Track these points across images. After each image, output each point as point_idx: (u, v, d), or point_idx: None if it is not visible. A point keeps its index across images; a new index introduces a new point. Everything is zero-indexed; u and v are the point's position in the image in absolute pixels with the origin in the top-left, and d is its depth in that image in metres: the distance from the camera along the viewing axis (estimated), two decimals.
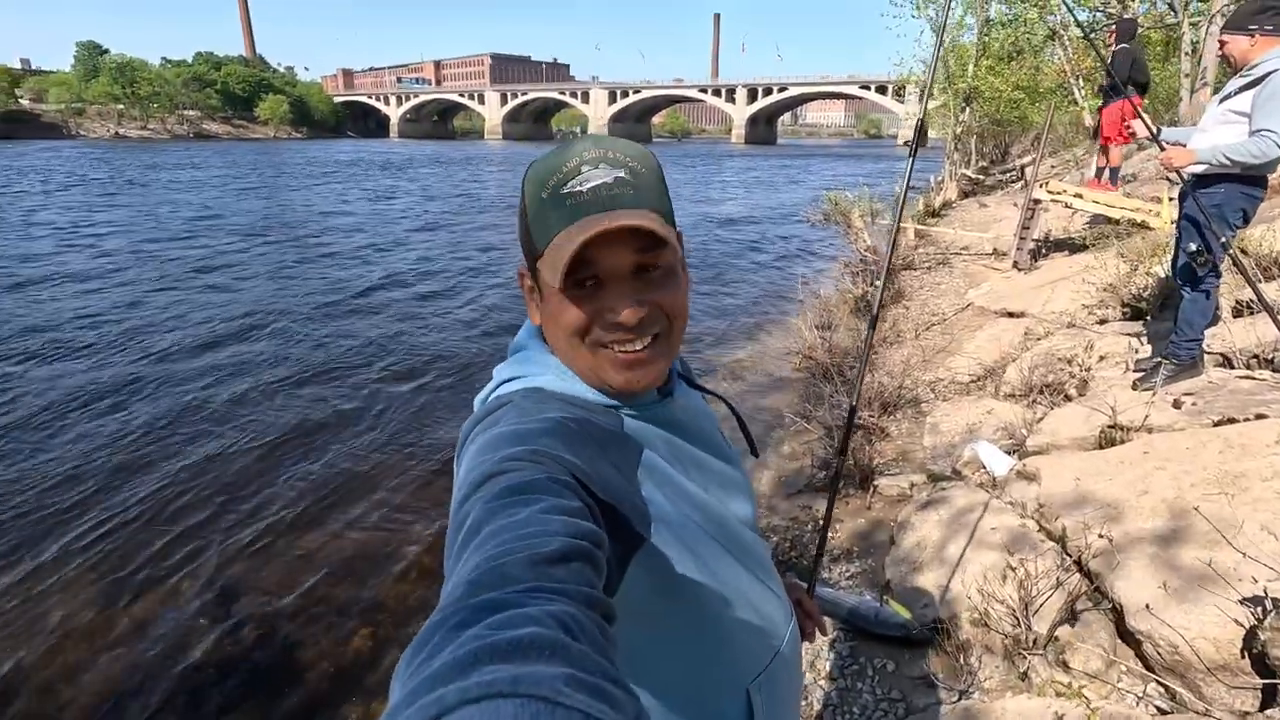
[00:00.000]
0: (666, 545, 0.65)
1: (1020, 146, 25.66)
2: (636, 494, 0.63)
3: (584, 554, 0.46)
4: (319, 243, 12.90)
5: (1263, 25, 2.90)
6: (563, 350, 0.69)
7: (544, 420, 0.61)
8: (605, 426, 0.66)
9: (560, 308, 0.66)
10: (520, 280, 0.73)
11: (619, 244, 0.63)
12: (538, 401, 0.66)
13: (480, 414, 0.67)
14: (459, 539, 0.49)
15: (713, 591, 0.70)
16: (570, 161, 0.64)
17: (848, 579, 2.88)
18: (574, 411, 0.64)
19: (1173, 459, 2.71)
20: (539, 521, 0.47)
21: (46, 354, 6.37)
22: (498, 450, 0.57)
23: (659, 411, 0.73)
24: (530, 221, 0.66)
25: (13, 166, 30.03)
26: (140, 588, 3.32)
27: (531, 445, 0.56)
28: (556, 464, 0.55)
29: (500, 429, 0.61)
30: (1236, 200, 3.03)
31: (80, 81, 75.66)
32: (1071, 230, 8.10)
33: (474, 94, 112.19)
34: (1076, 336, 4.51)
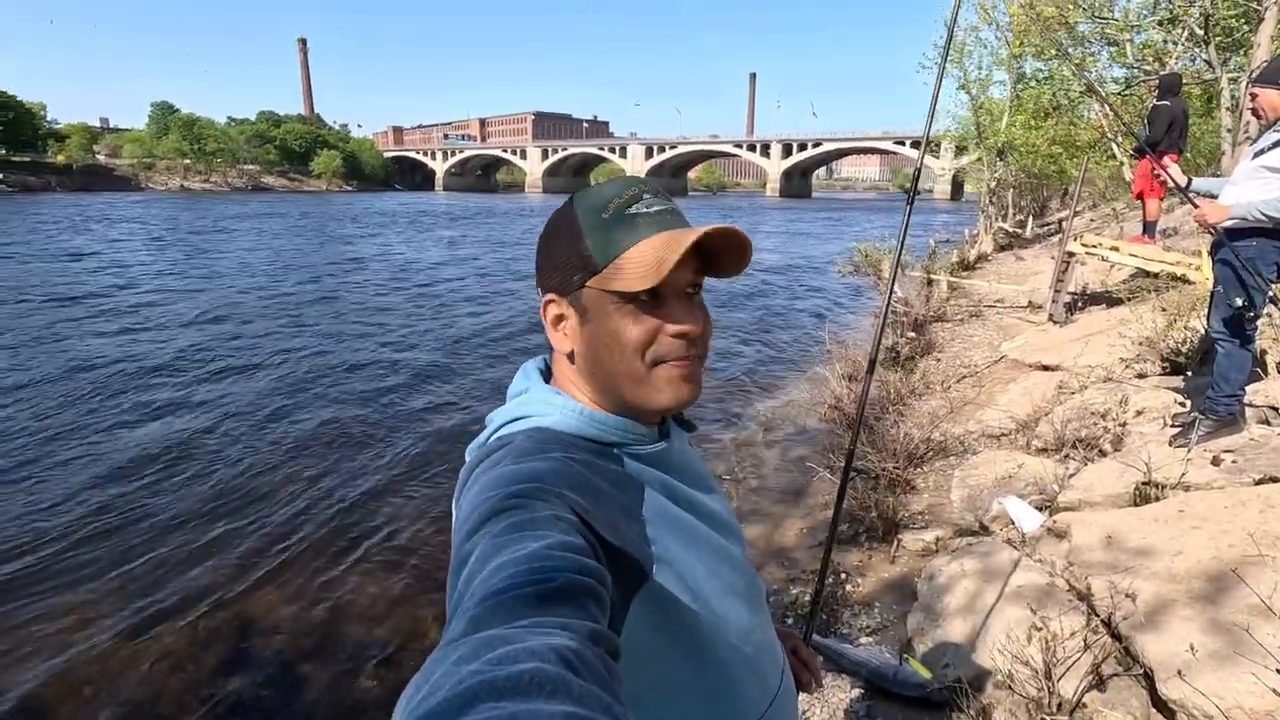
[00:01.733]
0: (669, 584, 0.65)
1: (1059, 201, 25.47)
2: (640, 533, 0.63)
3: (589, 590, 0.46)
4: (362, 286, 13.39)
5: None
6: (610, 370, 0.70)
7: (547, 459, 0.62)
8: (609, 466, 0.67)
9: (626, 320, 0.68)
10: (544, 310, 0.73)
11: (685, 262, 0.67)
12: (540, 442, 0.66)
13: (481, 455, 0.68)
14: (463, 574, 0.49)
15: (715, 631, 0.70)
16: (629, 191, 0.69)
17: (868, 634, 2.80)
18: (577, 452, 0.66)
19: (1210, 518, 2.60)
20: (543, 557, 0.47)
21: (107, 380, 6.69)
22: (501, 488, 0.57)
23: (658, 454, 0.74)
24: (589, 240, 0.68)
25: (122, 215, 32.04)
26: (148, 616, 3.39)
27: (536, 483, 0.57)
28: (561, 501, 0.56)
29: (503, 468, 0.61)
30: (1269, 254, 2.98)
31: (152, 138, 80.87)
32: (1109, 284, 7.96)
33: (516, 149, 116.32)
34: (1112, 391, 4.39)
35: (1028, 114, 16.37)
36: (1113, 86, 13.58)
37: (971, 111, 18.28)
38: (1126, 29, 12.00)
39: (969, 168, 23.01)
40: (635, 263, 0.66)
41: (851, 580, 3.21)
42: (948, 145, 25.62)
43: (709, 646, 0.69)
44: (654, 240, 0.66)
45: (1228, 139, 10.54)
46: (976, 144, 18.45)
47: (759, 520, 4.11)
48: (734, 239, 0.68)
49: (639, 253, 0.66)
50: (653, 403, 0.70)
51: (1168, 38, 11.50)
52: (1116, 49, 12.78)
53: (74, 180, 68.77)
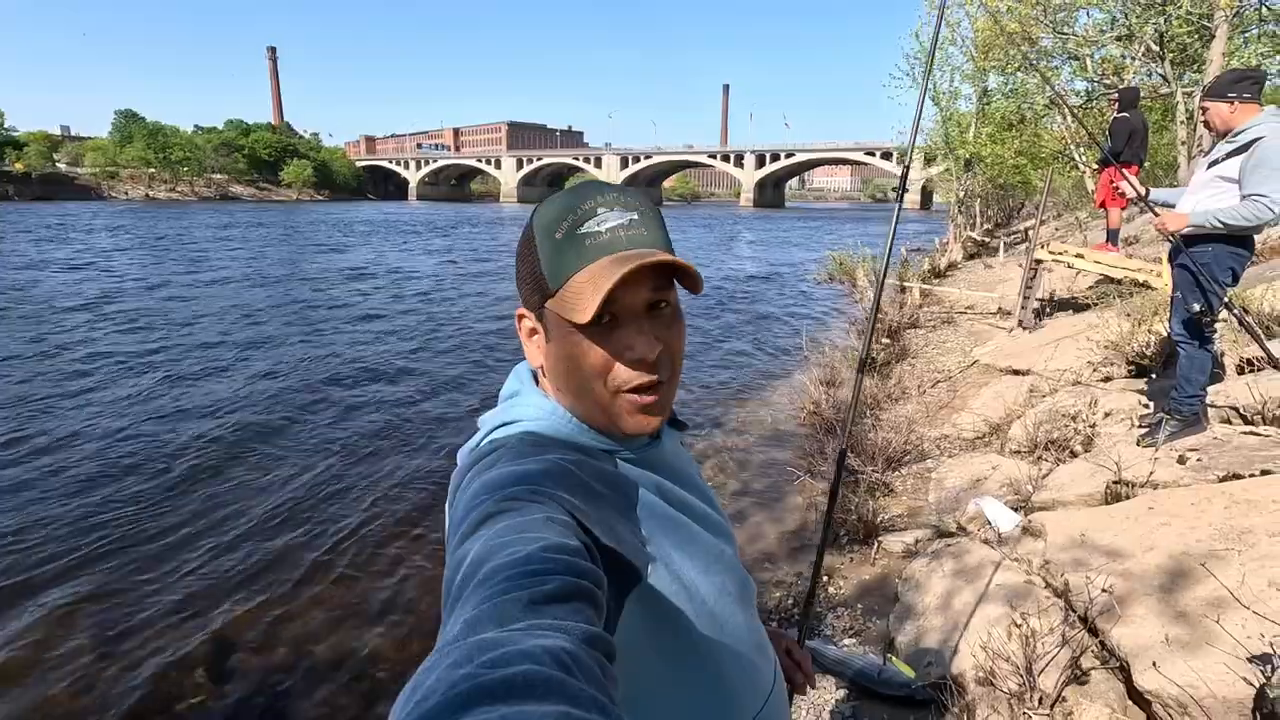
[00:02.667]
0: (662, 585, 0.65)
1: (1026, 210, 26.11)
2: (634, 534, 0.63)
3: (584, 592, 0.46)
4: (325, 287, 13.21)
5: (1240, 93, 3.04)
6: (574, 390, 0.69)
7: (542, 461, 0.61)
8: (603, 467, 0.67)
9: (580, 347, 0.66)
10: (518, 322, 0.73)
11: (637, 282, 0.64)
12: (534, 445, 0.66)
13: (474, 458, 0.67)
14: (458, 578, 0.49)
15: (708, 631, 0.70)
16: (584, 204, 0.66)
17: (851, 635, 2.83)
18: (570, 454, 0.65)
19: (1178, 515, 2.68)
20: (538, 559, 0.47)
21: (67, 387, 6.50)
22: (496, 490, 0.57)
23: (650, 455, 0.74)
24: (542, 262, 0.67)
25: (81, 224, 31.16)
26: (136, 630, 3.29)
27: (530, 485, 0.57)
28: (555, 503, 0.55)
29: (497, 471, 0.61)
30: (1225, 260, 3.11)
31: (115, 146, 79.12)
32: (1075, 290, 8.17)
33: (491, 159, 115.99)
34: (1081, 393, 4.51)
35: (993, 126, 16.79)
36: (1074, 100, 14.01)
37: (940, 123, 18.70)
38: (1087, 44, 12.41)
39: (938, 178, 23.50)
40: (574, 293, 0.64)
41: (834, 582, 3.24)
42: (916, 155, 26.09)
43: (703, 646, 0.69)
44: (592, 269, 0.64)
45: (1183, 150, 10.94)
46: (945, 155, 18.86)
47: (739, 524, 4.14)
48: (675, 267, 0.65)
49: (578, 282, 0.64)
50: (618, 428, 0.69)
51: (1126, 53, 11.91)
52: (1078, 64, 13.20)
53: (32, 189, 66.94)
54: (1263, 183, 2.93)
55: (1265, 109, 3.03)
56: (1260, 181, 2.94)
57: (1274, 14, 10.43)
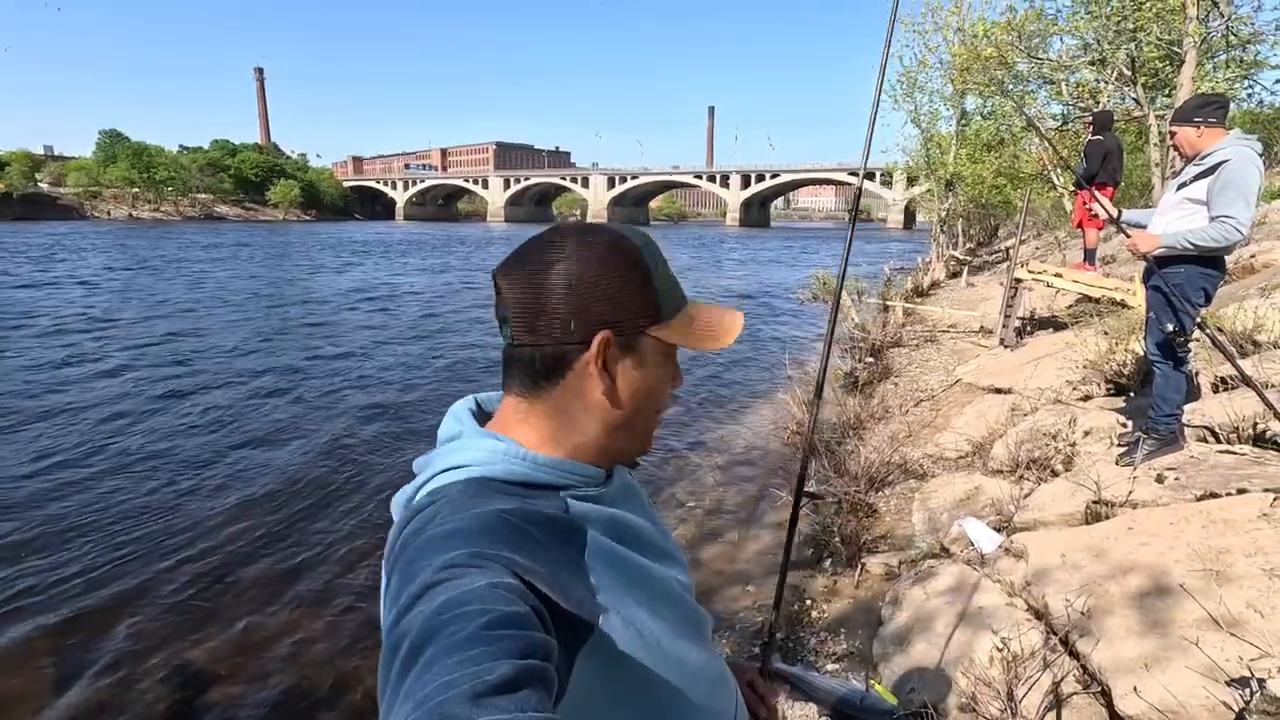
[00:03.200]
0: (616, 634, 0.63)
1: (1007, 229, 26.52)
2: (584, 584, 0.61)
3: (532, 674, 0.45)
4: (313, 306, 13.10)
5: (1206, 118, 3.12)
6: (630, 417, 0.71)
7: (483, 515, 0.58)
8: (549, 513, 0.64)
9: (665, 371, 0.72)
10: (600, 350, 0.66)
11: None
12: (474, 495, 0.62)
13: (410, 513, 0.63)
14: (397, 661, 0.46)
15: (665, 674, 0.68)
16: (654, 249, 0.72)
17: (834, 661, 2.79)
18: (514, 501, 0.62)
19: (1157, 535, 2.69)
20: (483, 640, 0.45)
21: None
22: (435, 555, 0.54)
23: (604, 490, 0.72)
24: (658, 286, 0.70)
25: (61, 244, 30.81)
26: (99, 664, 3.20)
27: (471, 547, 0.54)
28: (499, 565, 0.53)
29: (436, 529, 0.58)
30: (1197, 280, 3.16)
31: (99, 166, 78.62)
32: (1055, 309, 8.28)
33: (479, 179, 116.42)
34: (1061, 412, 4.54)
35: (971, 147, 17.10)
36: (1051, 122, 14.30)
37: (922, 144, 19.02)
38: (1061, 69, 12.69)
39: (920, 198, 23.86)
40: (706, 324, 0.71)
41: (816, 605, 3.22)
42: (899, 176, 26.52)
43: (660, 689, 0.67)
44: (714, 308, 0.73)
45: (1157, 172, 11.16)
46: (927, 175, 19.17)
47: (720, 545, 4.11)
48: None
49: (707, 314, 0.72)
50: (640, 450, 0.73)
51: (1099, 77, 12.19)
52: (1053, 87, 13.49)
53: (13, 209, 66.20)
54: (1229, 205, 2.98)
55: (1231, 132, 3.11)
56: (1227, 204, 2.99)
57: (1240, 40, 10.73)
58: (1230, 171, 3.01)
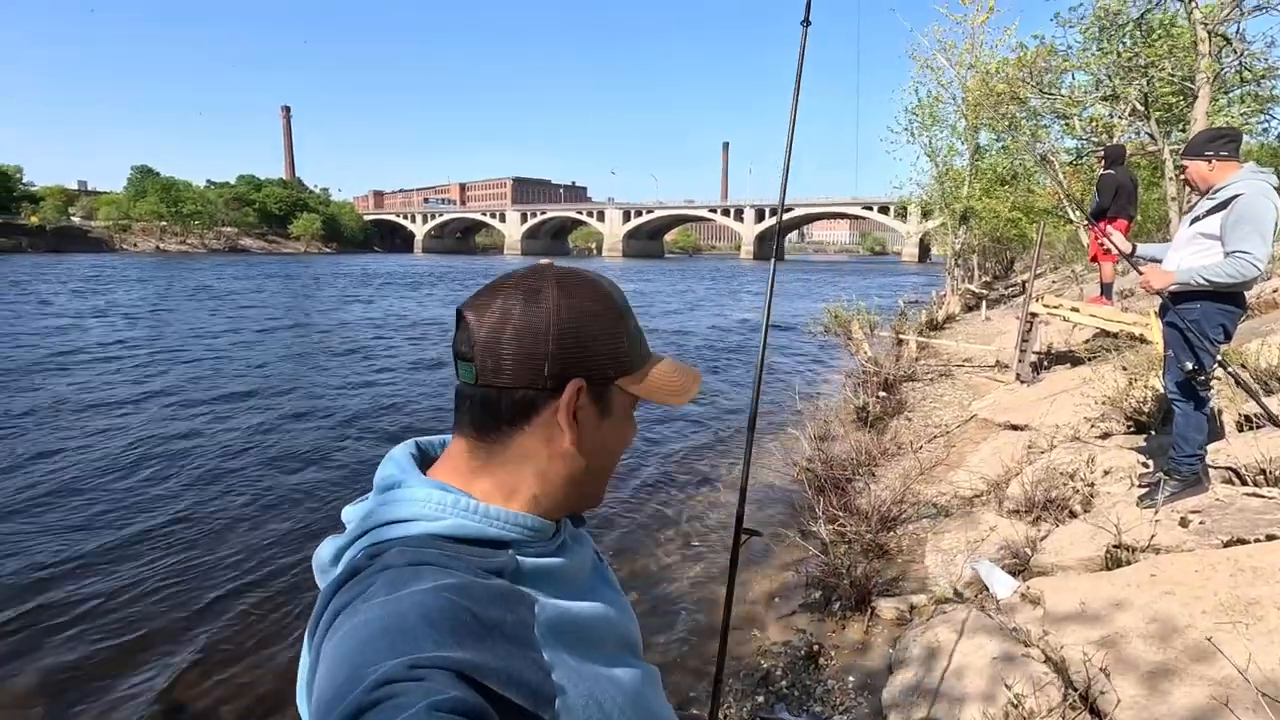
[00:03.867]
0: (574, 706, 0.58)
1: (1023, 263, 26.38)
2: (535, 665, 0.56)
3: None
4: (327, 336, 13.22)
5: (1218, 151, 3.06)
6: (594, 470, 0.69)
7: (424, 603, 0.53)
8: (496, 584, 0.59)
9: (629, 425, 0.71)
10: (572, 399, 0.64)
11: None
12: (415, 563, 0.57)
13: (342, 577, 0.58)
14: None
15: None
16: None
17: (841, 711, 2.66)
18: (459, 573, 0.57)
19: (1182, 583, 2.56)
20: None
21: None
22: (367, 657, 0.48)
23: (554, 545, 0.68)
24: (630, 338, 0.68)
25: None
26: (88, 688, 3.13)
27: (410, 653, 0.48)
28: (442, 674, 0.48)
29: (369, 612, 0.52)
30: (1215, 316, 3.06)
31: (129, 200, 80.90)
32: (1073, 343, 8.13)
33: (496, 213, 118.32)
34: (1079, 450, 4.40)
35: (985, 181, 17.11)
36: (1065, 157, 14.28)
37: (936, 179, 19.05)
38: (1074, 105, 12.71)
39: (934, 231, 23.83)
40: (666, 379, 0.69)
41: (824, 652, 3.09)
42: (914, 209, 26.53)
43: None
44: (674, 364, 0.72)
45: (1174, 206, 11.07)
46: (941, 209, 19.15)
47: (723, 588, 3.99)
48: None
49: (668, 369, 0.70)
50: (592, 503, 0.72)
51: (1112, 112, 12.19)
52: (1066, 122, 13.50)
53: (46, 242, 68.19)
54: (1244, 240, 2.91)
55: (1244, 166, 3.04)
56: (1242, 239, 2.92)
57: (1254, 75, 10.71)
58: (1243, 206, 2.94)
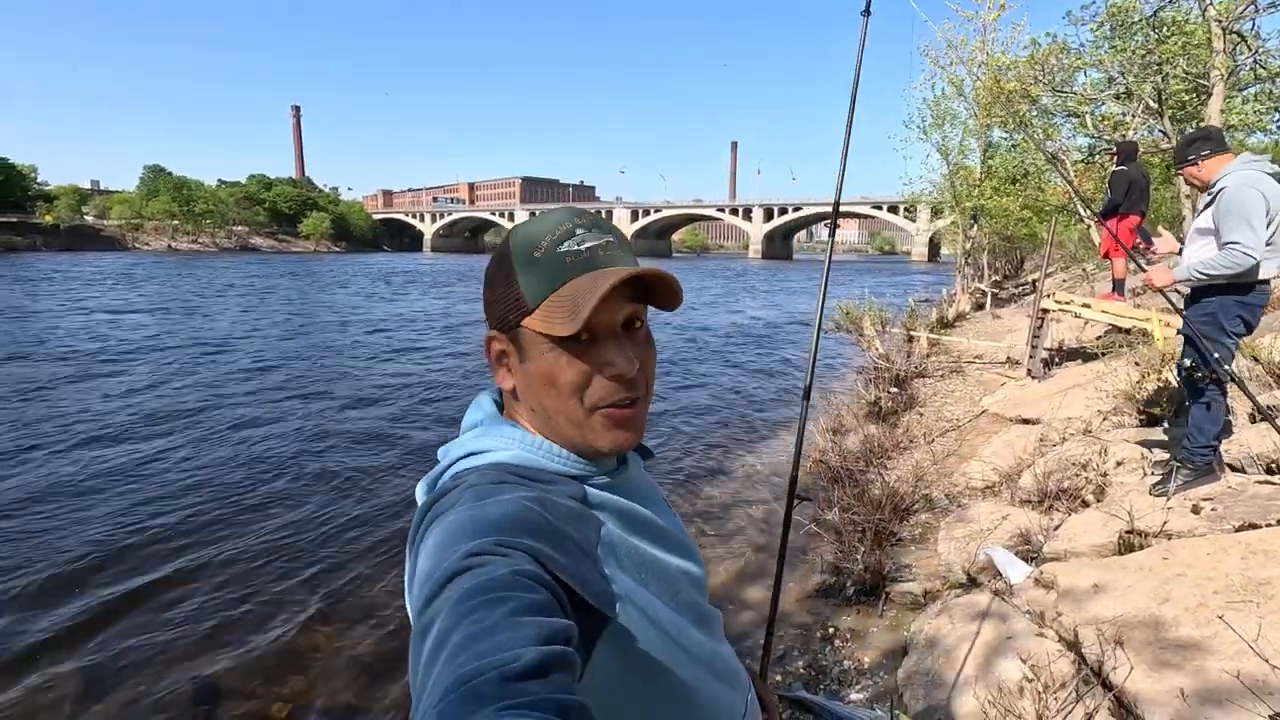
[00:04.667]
0: (631, 622, 0.64)
1: (1034, 261, 26.26)
2: (600, 573, 0.62)
3: (557, 660, 0.46)
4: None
5: (1197, 154, 3.19)
6: (549, 410, 0.68)
7: (504, 504, 0.59)
8: (567, 503, 0.65)
9: (559, 363, 0.66)
10: (488, 346, 0.72)
11: (616, 298, 0.65)
12: (495, 480, 0.64)
13: (434, 496, 0.65)
14: (425, 648, 0.48)
15: (679, 661, 0.68)
16: (562, 225, 0.67)
17: (858, 691, 2.73)
18: (534, 489, 0.64)
19: (1194, 566, 2.61)
20: (509, 627, 0.46)
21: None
22: (459, 542, 0.55)
23: (619, 480, 0.73)
24: (520, 279, 0.67)
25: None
26: (123, 674, 3.23)
27: (494, 535, 0.55)
28: (521, 553, 0.54)
29: (458, 514, 0.59)
30: (1231, 309, 3.08)
31: (141, 199, 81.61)
32: (1084, 340, 8.15)
33: (505, 212, 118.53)
34: (1092, 442, 4.44)
35: (996, 179, 17.05)
36: (1077, 155, 14.24)
37: (947, 178, 19.01)
38: (1086, 102, 12.67)
39: (944, 230, 23.78)
40: (557, 307, 0.64)
41: (840, 635, 3.15)
42: (924, 208, 26.47)
43: (674, 680, 0.68)
44: (577, 282, 0.65)
45: (1188, 204, 11.02)
46: (952, 208, 19.11)
47: (743, 576, 4.06)
48: (659, 279, 0.66)
49: (563, 296, 0.64)
50: (594, 445, 0.69)
51: (1125, 110, 12.15)
52: (1078, 120, 13.46)
53: (60, 240, 68.95)
54: (1233, 230, 2.96)
55: (1239, 156, 3.10)
56: (1231, 229, 2.97)
57: (1269, 73, 10.65)
58: (1227, 197, 3.00)
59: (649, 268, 0.66)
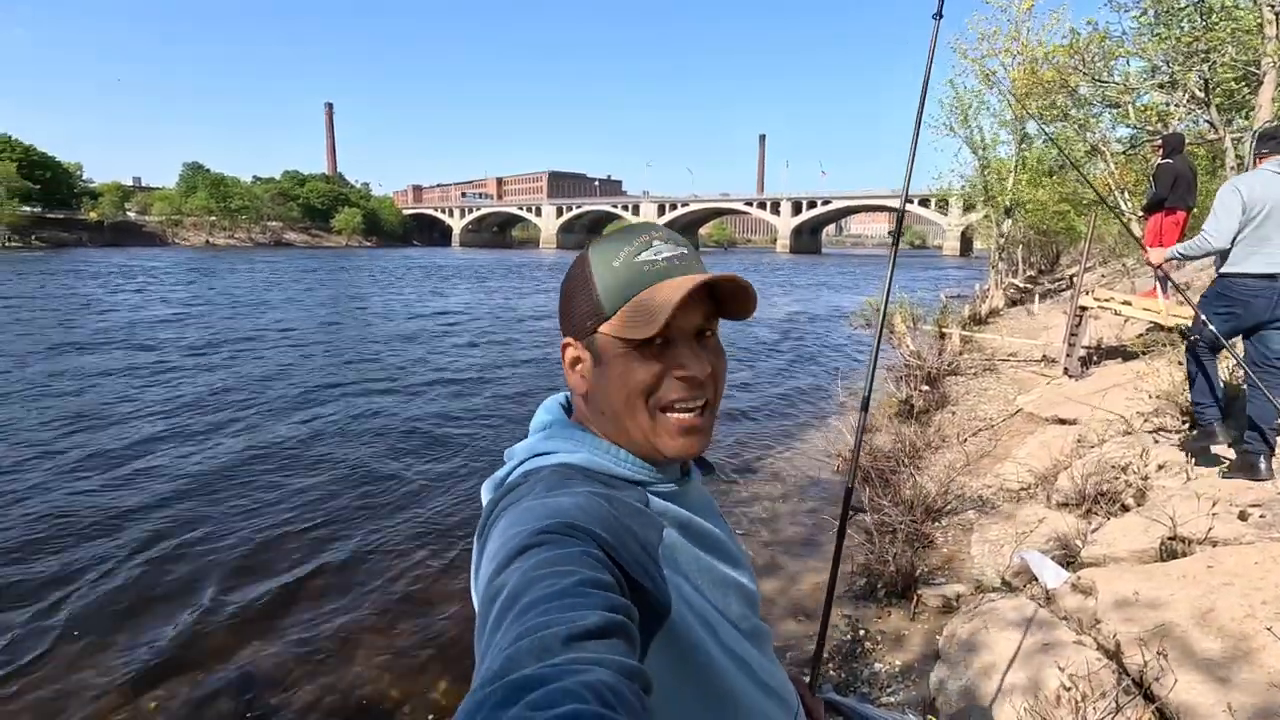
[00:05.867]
0: (686, 627, 0.64)
1: (1070, 256, 25.63)
2: (659, 574, 0.63)
3: (620, 628, 0.47)
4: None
5: (1257, 150, 3.42)
6: (618, 415, 0.71)
7: (574, 494, 0.62)
8: (632, 503, 0.67)
9: (633, 365, 0.69)
10: (563, 351, 0.75)
11: (692, 306, 0.68)
12: (565, 478, 0.67)
13: (503, 490, 0.68)
14: (494, 609, 0.50)
15: (730, 673, 0.69)
16: (640, 237, 0.72)
17: (889, 695, 2.70)
18: (601, 488, 0.66)
19: (1241, 575, 2.53)
20: (575, 593, 0.48)
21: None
22: (529, 523, 0.57)
23: (680, 491, 0.75)
24: (599, 288, 0.70)
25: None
26: (166, 664, 3.34)
27: (564, 519, 0.57)
28: (589, 538, 0.56)
29: (529, 502, 0.62)
30: (1213, 294, 3.47)
31: (181, 196, 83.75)
32: (1124, 338, 7.93)
33: (532, 207, 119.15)
34: (1132, 444, 4.32)
35: (1032, 173, 16.64)
36: (1117, 146, 13.81)
37: (979, 171, 18.60)
38: (1127, 92, 12.28)
39: (978, 224, 23.30)
40: (636, 312, 0.68)
41: (870, 637, 3.12)
42: (955, 201, 25.93)
43: (725, 688, 0.68)
44: (654, 289, 0.68)
45: None
46: (984, 202, 18.71)
47: (773, 574, 4.04)
48: (736, 286, 0.69)
49: (639, 302, 0.68)
50: (660, 449, 0.71)
51: (1169, 100, 11.75)
52: (1119, 110, 13.05)
53: (104, 236, 71.20)
54: (1208, 222, 3.41)
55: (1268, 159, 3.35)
56: (1207, 221, 3.42)
57: None
58: (1218, 194, 3.40)
59: (727, 274, 0.68)
